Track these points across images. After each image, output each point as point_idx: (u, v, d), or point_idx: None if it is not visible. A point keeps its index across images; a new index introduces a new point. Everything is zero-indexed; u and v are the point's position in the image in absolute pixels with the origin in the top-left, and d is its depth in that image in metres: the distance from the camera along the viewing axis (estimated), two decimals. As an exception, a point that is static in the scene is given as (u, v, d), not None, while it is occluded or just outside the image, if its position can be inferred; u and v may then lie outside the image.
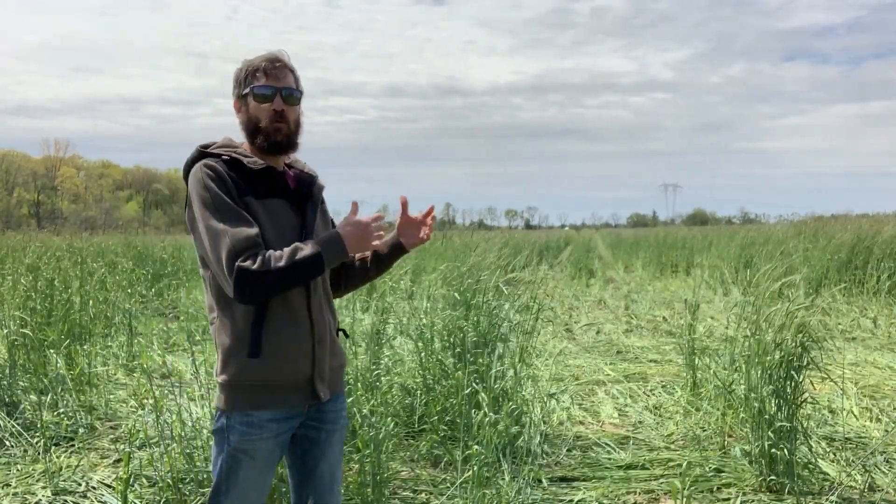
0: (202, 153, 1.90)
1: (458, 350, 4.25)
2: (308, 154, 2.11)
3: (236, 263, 1.71)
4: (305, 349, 1.88)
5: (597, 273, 16.90)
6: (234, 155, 1.87)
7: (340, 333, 2.11)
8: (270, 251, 1.76)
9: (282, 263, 1.73)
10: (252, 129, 1.91)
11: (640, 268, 18.31)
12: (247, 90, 1.90)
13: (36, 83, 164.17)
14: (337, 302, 3.01)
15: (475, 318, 4.34)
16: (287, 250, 1.77)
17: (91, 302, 6.58)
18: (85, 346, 5.58)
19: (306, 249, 1.78)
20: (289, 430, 1.92)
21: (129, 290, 7.85)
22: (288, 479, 2.09)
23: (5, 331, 5.01)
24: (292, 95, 1.92)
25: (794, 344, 3.47)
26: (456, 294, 4.53)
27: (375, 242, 1.88)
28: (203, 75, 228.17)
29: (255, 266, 1.71)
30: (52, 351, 5.19)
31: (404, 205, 2.06)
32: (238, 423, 1.84)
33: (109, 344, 6.57)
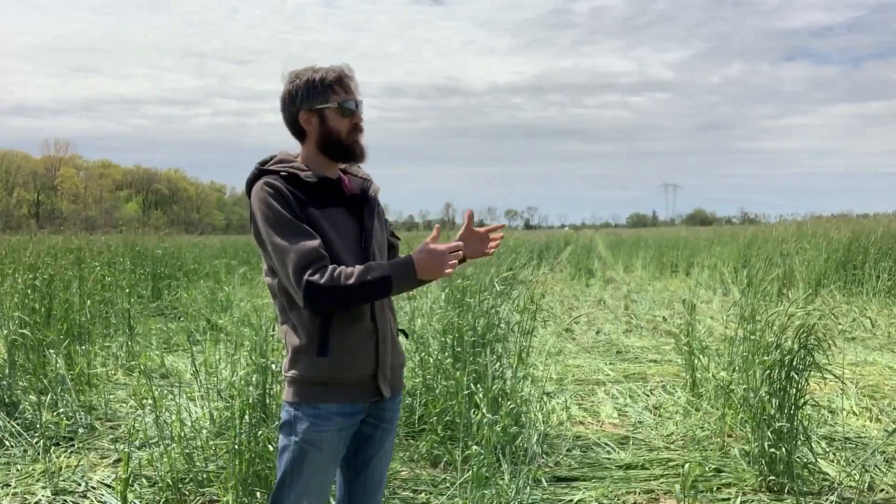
0: (261, 171, 1.96)
1: (458, 350, 4.25)
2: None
3: (304, 277, 1.78)
4: (369, 348, 1.95)
5: (597, 273, 16.89)
6: (291, 170, 1.93)
7: (400, 334, 2.17)
8: (342, 268, 1.82)
9: (351, 282, 1.79)
10: (332, 141, 1.96)
11: (639, 268, 18.32)
12: (327, 104, 1.94)
13: (35, 83, 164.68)
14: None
15: (472, 319, 4.34)
16: (358, 269, 1.82)
17: (90, 302, 6.57)
18: (84, 346, 5.58)
19: (377, 271, 1.83)
20: (352, 426, 1.97)
21: (127, 290, 7.83)
22: (336, 475, 2.12)
23: (5, 331, 5.01)
24: (361, 106, 2.01)
25: (794, 345, 3.47)
26: (449, 294, 4.53)
27: (448, 270, 1.87)
28: (202, 75, 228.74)
29: (322, 280, 1.78)
30: (51, 351, 5.18)
31: (470, 217, 2.11)
32: (306, 414, 1.91)
33: (109, 344, 6.57)
